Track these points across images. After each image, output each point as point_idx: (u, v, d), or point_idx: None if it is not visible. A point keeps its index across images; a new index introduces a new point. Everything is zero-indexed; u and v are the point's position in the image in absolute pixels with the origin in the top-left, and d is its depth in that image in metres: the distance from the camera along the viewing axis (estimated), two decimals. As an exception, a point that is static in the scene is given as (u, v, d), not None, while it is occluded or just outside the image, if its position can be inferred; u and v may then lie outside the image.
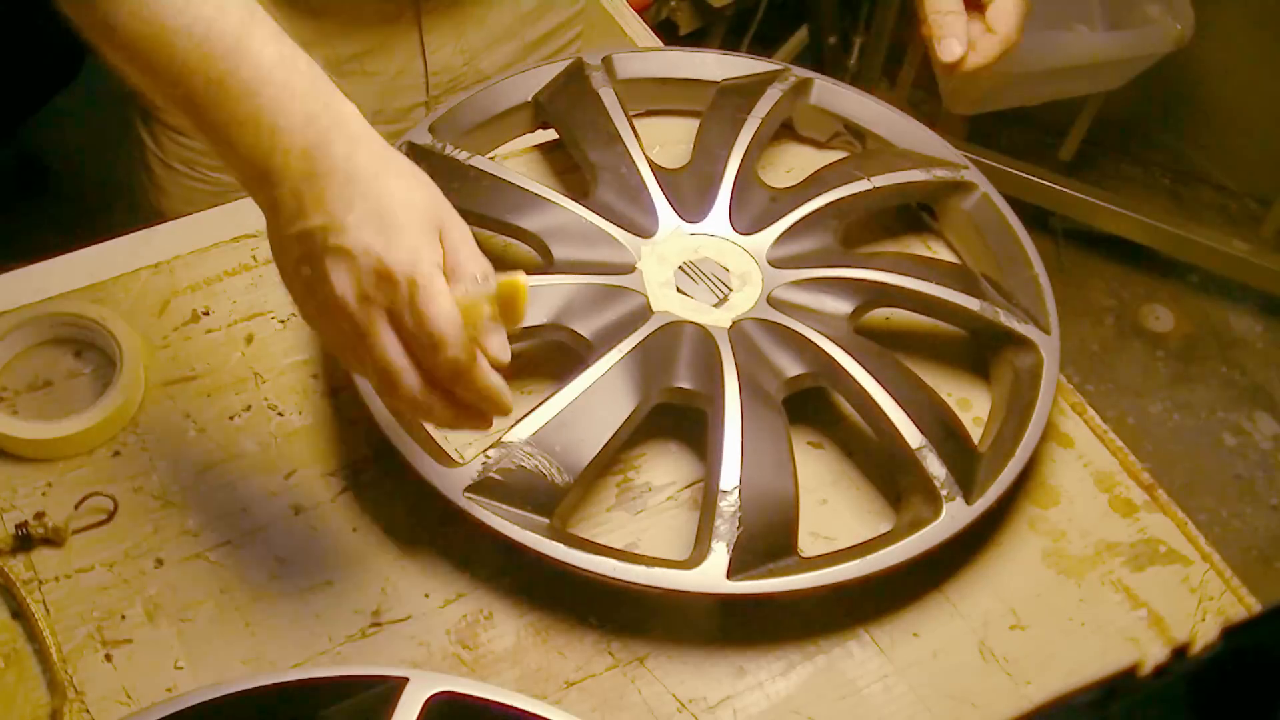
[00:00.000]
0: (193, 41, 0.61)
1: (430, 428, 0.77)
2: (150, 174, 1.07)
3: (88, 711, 0.66)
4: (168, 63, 0.61)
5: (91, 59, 0.98)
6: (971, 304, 0.82)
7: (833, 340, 0.78)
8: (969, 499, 0.73)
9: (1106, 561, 0.77)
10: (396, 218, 0.62)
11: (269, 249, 0.63)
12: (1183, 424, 2.01)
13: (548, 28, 1.08)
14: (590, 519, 0.76)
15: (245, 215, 0.89)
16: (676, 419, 0.79)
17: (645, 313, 0.79)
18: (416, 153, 0.86)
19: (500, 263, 0.86)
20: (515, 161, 0.96)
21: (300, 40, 1.03)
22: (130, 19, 0.60)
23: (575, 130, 0.90)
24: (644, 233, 0.85)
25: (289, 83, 0.63)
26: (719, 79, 0.96)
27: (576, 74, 0.93)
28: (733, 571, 0.69)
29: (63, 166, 2.00)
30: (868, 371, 0.76)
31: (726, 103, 0.91)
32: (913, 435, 0.74)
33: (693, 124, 0.94)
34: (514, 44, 1.07)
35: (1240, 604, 0.76)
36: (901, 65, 2.13)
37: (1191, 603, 0.76)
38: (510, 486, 0.70)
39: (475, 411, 0.64)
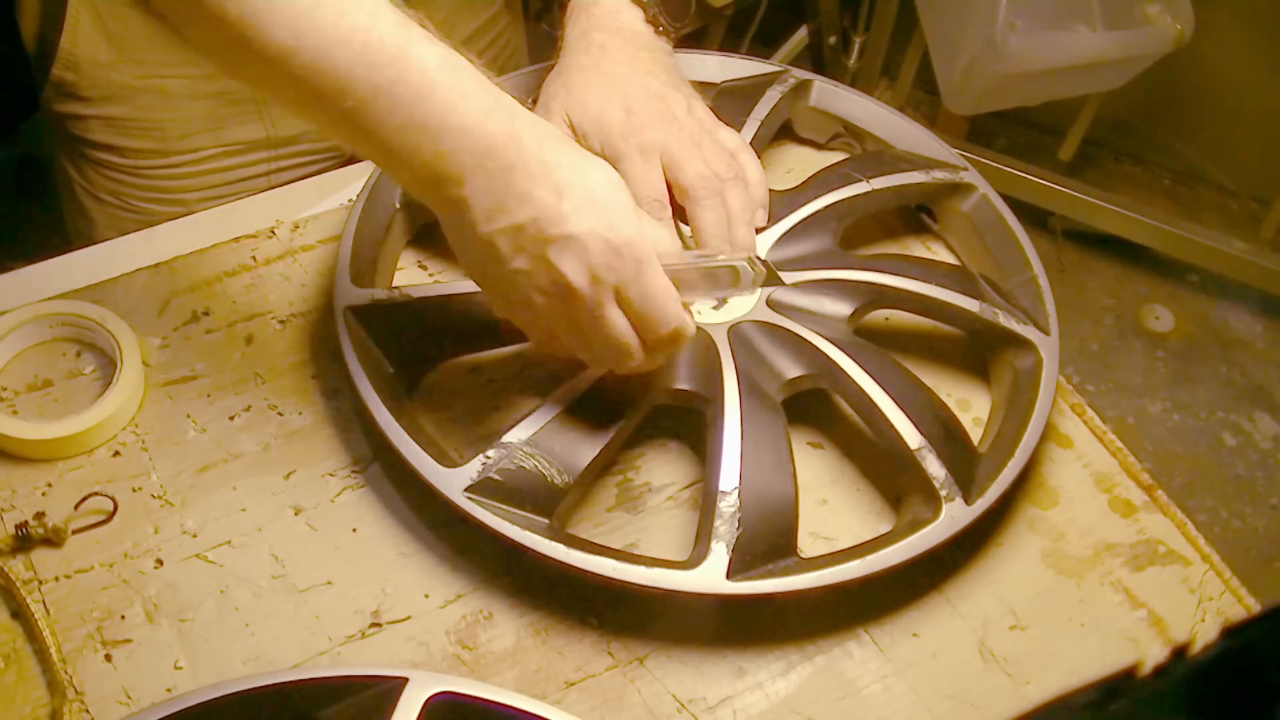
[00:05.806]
0: (354, 52, 0.59)
1: (430, 428, 0.77)
2: (78, 206, 1.06)
3: (87, 711, 0.66)
4: (330, 78, 0.60)
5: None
6: (971, 305, 0.82)
7: (832, 342, 0.78)
8: (968, 499, 0.73)
9: (1106, 562, 0.77)
10: (609, 199, 0.64)
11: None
12: (1183, 424, 2.01)
13: (467, 32, 1.05)
14: (590, 519, 0.76)
15: (245, 215, 0.89)
16: (676, 419, 0.79)
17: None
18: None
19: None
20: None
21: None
22: (286, 38, 0.59)
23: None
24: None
25: (457, 83, 0.62)
26: (719, 81, 0.96)
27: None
28: (732, 572, 0.69)
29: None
30: (867, 373, 0.76)
31: (726, 104, 0.91)
32: (912, 436, 0.74)
33: (693, 124, 0.93)
34: None
35: (1240, 604, 0.76)
36: (901, 65, 2.13)
37: (1191, 603, 0.76)
38: (510, 487, 0.70)
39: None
